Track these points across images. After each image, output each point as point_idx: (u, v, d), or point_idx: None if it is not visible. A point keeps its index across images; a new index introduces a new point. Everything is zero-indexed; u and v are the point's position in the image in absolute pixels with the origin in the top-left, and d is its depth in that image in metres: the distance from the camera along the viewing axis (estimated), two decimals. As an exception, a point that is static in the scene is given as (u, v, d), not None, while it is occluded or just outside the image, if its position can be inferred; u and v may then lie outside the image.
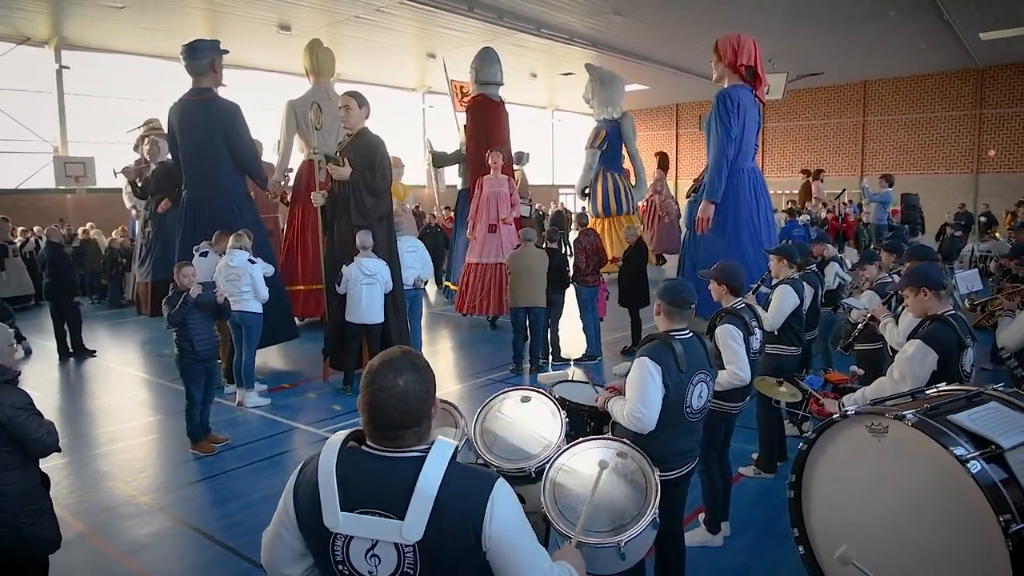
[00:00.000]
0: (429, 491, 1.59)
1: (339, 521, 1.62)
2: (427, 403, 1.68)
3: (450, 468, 1.63)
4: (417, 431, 1.66)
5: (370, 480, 1.64)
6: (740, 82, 7.89)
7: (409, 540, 1.58)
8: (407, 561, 1.61)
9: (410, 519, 1.58)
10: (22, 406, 3.16)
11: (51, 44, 17.07)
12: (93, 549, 4.46)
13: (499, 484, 1.67)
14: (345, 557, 1.65)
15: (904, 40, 19.61)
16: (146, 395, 7.83)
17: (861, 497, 2.58)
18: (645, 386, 3.06)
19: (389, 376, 1.64)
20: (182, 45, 8.25)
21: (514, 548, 1.65)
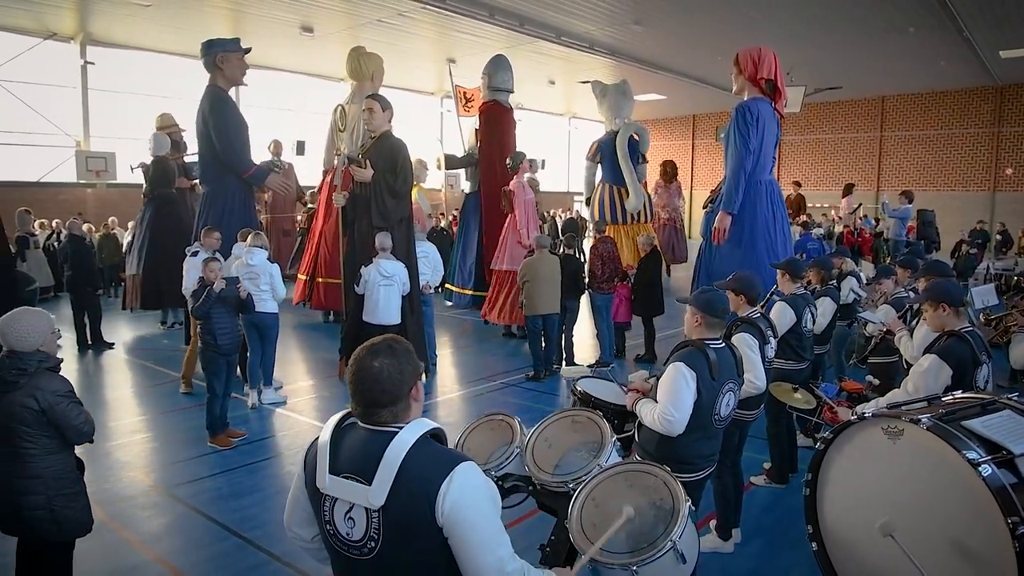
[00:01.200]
0: (394, 461, 1.73)
1: (326, 482, 1.81)
2: (402, 385, 1.82)
3: (422, 443, 1.78)
4: (392, 410, 1.81)
5: (353, 448, 1.83)
6: (760, 95, 7.93)
7: (373, 505, 1.73)
8: (373, 526, 1.76)
9: (375, 485, 1.74)
10: (63, 393, 3.26)
11: (77, 40, 17.31)
12: (113, 537, 4.55)
13: (465, 466, 1.77)
14: (331, 517, 1.84)
15: (923, 56, 19.57)
16: (164, 388, 7.94)
17: (875, 497, 2.63)
18: (679, 390, 3.13)
19: (367, 358, 1.81)
20: (201, 43, 8.46)
21: (468, 528, 1.74)
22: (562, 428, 3.16)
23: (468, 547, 1.75)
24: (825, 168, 28.23)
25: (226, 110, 8.25)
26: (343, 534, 1.81)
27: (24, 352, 3.19)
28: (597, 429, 3.06)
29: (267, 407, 7.17)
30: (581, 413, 3.21)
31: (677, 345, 3.38)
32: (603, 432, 3.03)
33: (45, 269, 13.40)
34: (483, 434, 3.23)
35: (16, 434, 3.18)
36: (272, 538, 4.56)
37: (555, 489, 2.87)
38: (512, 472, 3.01)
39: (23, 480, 3.20)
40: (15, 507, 3.21)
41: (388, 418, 1.82)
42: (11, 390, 3.16)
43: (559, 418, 3.21)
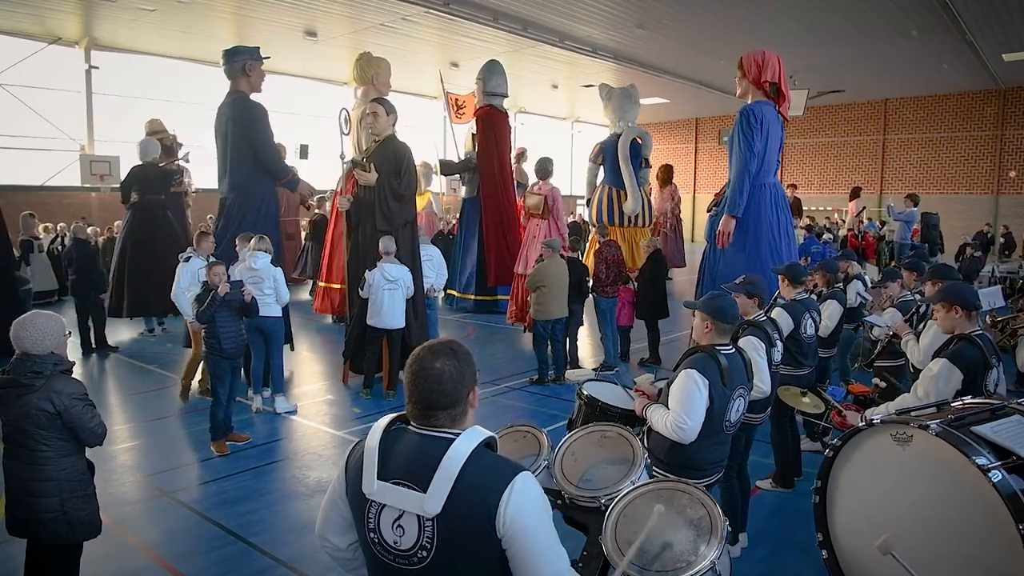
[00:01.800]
0: (452, 468, 1.68)
1: (374, 488, 1.75)
2: (462, 387, 1.78)
3: (479, 452, 1.73)
4: (451, 413, 1.77)
5: (405, 454, 1.76)
6: (764, 98, 7.92)
7: (428, 513, 1.68)
8: (426, 535, 1.70)
9: (431, 493, 1.68)
10: (79, 396, 3.27)
11: (81, 44, 17.37)
12: (119, 540, 4.54)
13: (523, 475, 1.73)
14: (376, 525, 1.76)
15: (926, 59, 19.56)
16: (168, 391, 7.93)
17: (884, 503, 2.62)
18: (691, 398, 3.10)
19: (428, 359, 1.77)
20: (223, 50, 8.53)
21: (528, 539, 1.69)
22: (590, 442, 3.13)
23: (528, 558, 1.70)
24: (828, 171, 28.22)
25: (266, 119, 8.46)
26: (390, 543, 1.75)
27: (38, 355, 3.20)
28: (628, 446, 3.03)
29: (270, 411, 7.14)
30: (611, 428, 3.17)
31: (687, 351, 3.35)
32: (634, 449, 2.99)
33: (49, 273, 13.43)
34: (507, 445, 3.18)
35: (31, 436, 3.19)
36: (278, 542, 4.55)
37: (585, 504, 2.83)
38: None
39: (38, 483, 3.22)
40: (30, 509, 3.22)
41: (446, 421, 1.77)
42: (27, 393, 3.16)
43: (587, 432, 3.17)
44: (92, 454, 3.60)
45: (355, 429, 6.77)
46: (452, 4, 14.43)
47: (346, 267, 8.11)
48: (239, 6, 15.00)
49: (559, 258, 8.25)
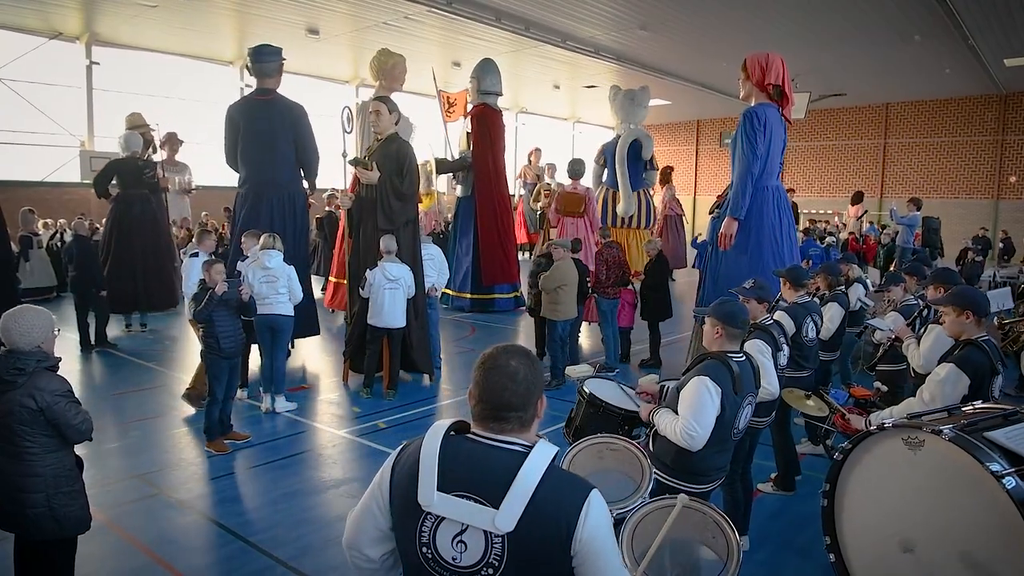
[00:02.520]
0: (528, 484, 1.61)
1: (433, 500, 1.64)
2: (535, 390, 1.72)
3: (551, 467, 1.66)
4: (522, 416, 1.70)
5: (470, 465, 1.66)
6: (767, 100, 7.90)
7: (501, 530, 1.59)
8: (494, 552, 1.61)
9: (505, 509, 1.59)
10: (62, 393, 3.25)
11: (82, 40, 17.34)
12: (116, 539, 4.52)
13: (596, 493, 1.68)
14: (431, 539, 1.66)
15: (928, 64, 19.57)
16: (167, 389, 7.91)
17: (894, 508, 2.60)
18: (703, 406, 3.06)
19: (503, 357, 1.71)
20: (251, 48, 8.74)
21: (601, 558, 1.66)
22: (591, 454, 3.10)
23: (598, 574, 1.67)
24: (829, 175, 28.22)
25: (310, 123, 8.84)
26: (447, 559, 1.65)
27: (24, 351, 3.19)
28: (635, 461, 3.00)
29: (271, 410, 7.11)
30: (618, 442, 3.13)
31: (698, 357, 3.31)
32: (642, 466, 2.96)
33: (48, 269, 13.39)
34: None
35: (15, 433, 3.18)
36: (277, 542, 4.53)
37: None
38: None
39: (23, 478, 3.20)
40: (16, 505, 3.21)
41: (515, 426, 1.70)
42: (9, 389, 3.16)
43: (592, 444, 3.14)
44: (90, 452, 3.59)
45: (355, 429, 6.74)
46: (455, 3, 14.42)
47: (347, 266, 8.09)
48: (241, 3, 14.98)
49: (571, 259, 8.22)
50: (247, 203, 8.46)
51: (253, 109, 8.51)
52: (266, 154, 8.44)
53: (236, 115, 8.55)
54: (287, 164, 8.59)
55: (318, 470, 5.74)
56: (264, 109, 8.46)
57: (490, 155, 12.69)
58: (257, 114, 8.45)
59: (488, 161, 12.67)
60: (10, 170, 16.65)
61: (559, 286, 7.94)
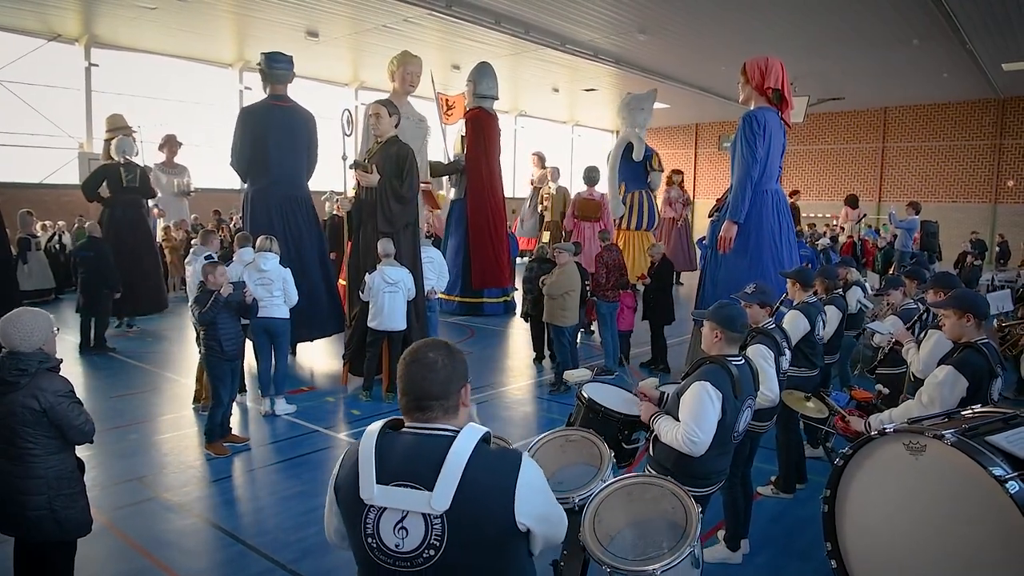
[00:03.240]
0: (458, 462, 1.71)
1: (374, 493, 1.74)
2: (455, 381, 1.83)
3: (480, 446, 1.76)
4: (444, 404, 1.81)
5: (404, 455, 1.77)
6: (766, 104, 7.93)
7: (437, 510, 1.69)
8: (434, 533, 1.70)
9: (439, 489, 1.69)
10: (64, 393, 3.26)
11: (81, 42, 17.31)
12: (116, 542, 4.52)
13: (525, 458, 1.81)
14: (375, 530, 1.76)
15: (926, 68, 19.60)
16: (166, 392, 7.90)
17: (896, 514, 2.60)
18: (704, 411, 3.07)
19: (423, 349, 1.84)
20: (265, 53, 8.93)
21: (546, 513, 1.84)
22: (553, 448, 3.15)
23: (549, 530, 1.87)
24: (827, 179, 28.24)
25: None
26: (391, 547, 1.74)
27: (25, 352, 3.19)
28: (594, 448, 3.05)
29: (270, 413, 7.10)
30: (575, 432, 3.19)
31: (697, 362, 3.31)
32: (601, 452, 3.01)
33: (46, 271, 13.38)
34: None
35: (18, 434, 3.18)
36: (276, 544, 4.52)
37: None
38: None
39: (25, 480, 3.20)
40: (18, 507, 3.20)
41: (439, 414, 1.81)
42: (12, 390, 3.16)
43: (551, 439, 3.19)
44: (91, 454, 3.59)
45: (354, 431, 6.74)
46: (454, 6, 14.42)
47: (347, 268, 8.09)
48: (240, 5, 14.97)
49: (574, 262, 8.20)
50: (267, 206, 8.64)
51: (275, 114, 8.77)
52: (290, 159, 8.77)
53: (255, 119, 8.72)
54: (303, 169, 9.08)
55: (318, 472, 5.73)
56: (287, 115, 8.81)
57: (484, 159, 12.69)
58: (281, 120, 8.76)
59: (481, 165, 12.67)
60: (8, 172, 16.61)
61: (567, 291, 7.90)
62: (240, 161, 8.79)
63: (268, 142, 8.60)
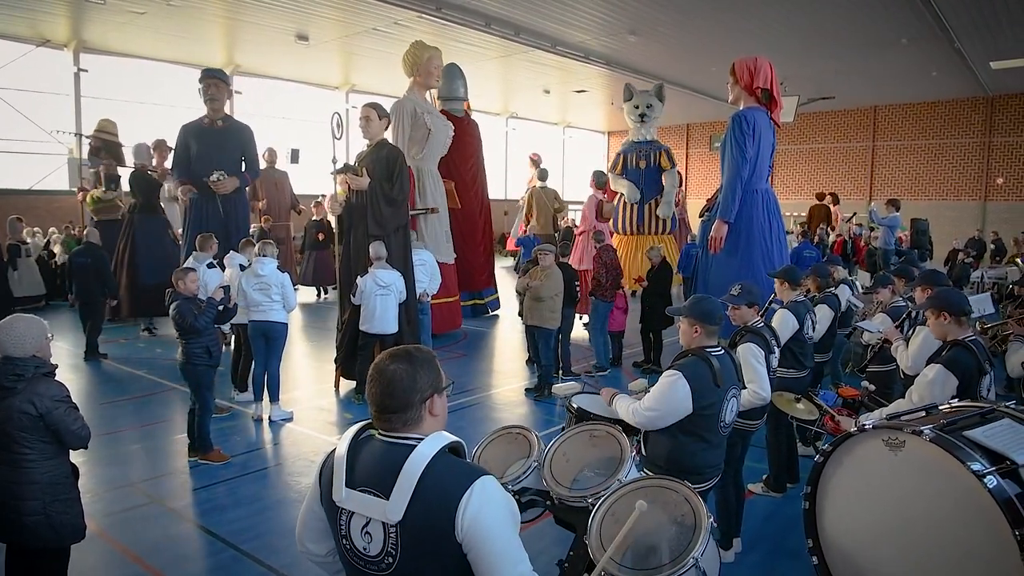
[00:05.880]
0: (412, 475, 1.71)
1: (343, 496, 1.78)
2: (414, 392, 1.80)
3: (440, 458, 1.74)
4: (403, 417, 1.80)
5: (370, 461, 1.80)
6: (756, 104, 7.97)
7: (391, 520, 1.70)
8: (391, 541, 1.72)
9: (393, 500, 1.71)
10: (61, 398, 3.27)
11: (70, 47, 17.25)
12: (107, 549, 4.50)
13: (484, 479, 1.74)
14: (348, 531, 1.80)
15: (915, 67, 19.72)
16: (158, 397, 7.87)
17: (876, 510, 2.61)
18: (666, 394, 3.15)
19: (384, 361, 1.83)
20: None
21: (487, 542, 1.70)
22: (581, 442, 3.14)
23: (487, 563, 1.71)
24: (817, 177, 28.35)
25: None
26: (360, 549, 1.78)
27: (20, 358, 3.20)
28: (616, 444, 3.04)
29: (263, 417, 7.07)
30: (600, 427, 3.18)
31: (678, 355, 3.36)
32: (622, 447, 3.00)
33: (36, 278, 13.30)
34: (500, 447, 3.20)
35: (14, 440, 3.19)
36: (269, 549, 4.51)
37: (573, 504, 2.85)
38: (530, 486, 2.99)
39: (20, 486, 3.20)
40: (13, 513, 3.21)
41: (398, 425, 1.80)
42: (8, 396, 3.16)
43: (578, 432, 3.18)
44: (82, 461, 3.57)
45: (347, 435, 6.72)
46: (444, 9, 14.43)
47: (337, 272, 8.08)
48: (230, 10, 14.95)
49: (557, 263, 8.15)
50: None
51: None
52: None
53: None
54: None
55: (310, 477, 5.65)
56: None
57: (456, 163, 12.35)
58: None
59: (451, 170, 12.35)
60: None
61: (555, 293, 7.80)
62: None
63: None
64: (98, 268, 9.46)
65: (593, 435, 3.13)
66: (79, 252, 9.61)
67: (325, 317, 12.82)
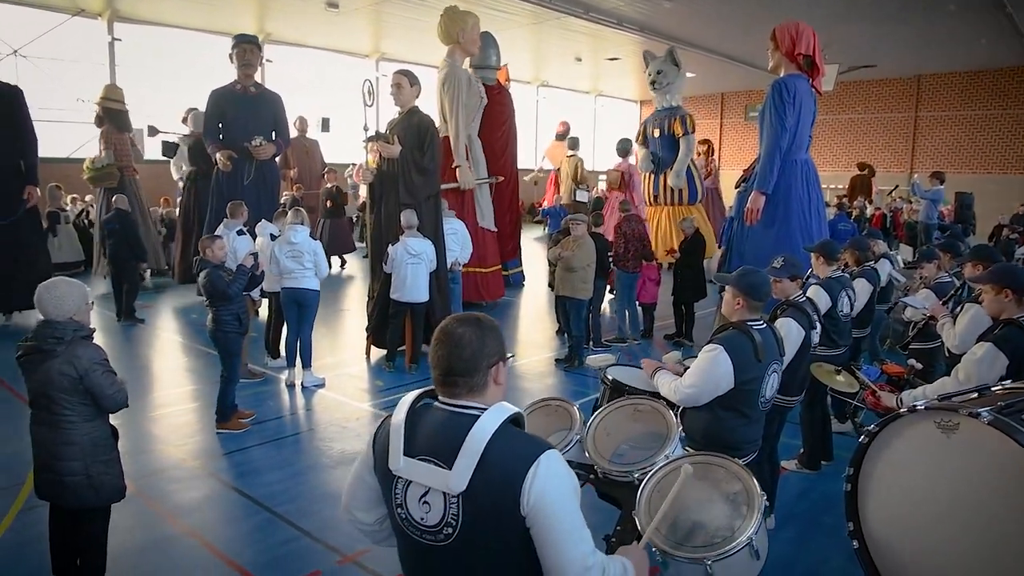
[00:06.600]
0: (477, 445, 1.66)
1: (400, 464, 1.74)
2: (481, 357, 1.76)
3: (504, 429, 1.71)
4: (469, 381, 1.75)
5: (430, 429, 1.76)
6: (797, 71, 7.72)
7: (453, 490, 1.67)
8: (451, 512, 1.69)
9: (456, 470, 1.66)
10: (99, 361, 3.32)
11: (104, 16, 17.33)
12: (144, 509, 4.58)
13: (550, 453, 1.70)
14: (404, 500, 1.76)
15: (963, 34, 18.99)
16: (192, 362, 7.99)
17: (925, 494, 2.51)
18: (708, 370, 3.08)
19: (453, 324, 1.79)
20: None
21: (553, 519, 1.67)
22: (623, 416, 3.10)
23: (552, 538, 1.68)
24: (856, 149, 27.62)
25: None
26: (417, 519, 1.75)
27: (58, 321, 3.25)
28: (661, 419, 2.99)
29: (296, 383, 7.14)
30: (645, 402, 3.12)
31: (719, 327, 3.27)
32: (668, 423, 2.95)
33: (75, 244, 13.53)
34: (539, 419, 3.17)
35: (54, 401, 3.26)
36: (302, 513, 4.57)
37: (618, 479, 2.81)
38: (571, 460, 2.95)
39: (61, 447, 3.28)
40: (55, 473, 3.30)
41: (464, 391, 1.76)
42: (48, 358, 3.23)
43: (621, 406, 3.14)
44: (119, 423, 3.63)
45: (378, 402, 6.78)
46: (476, -26, 14.21)
47: (369, 240, 8.07)
48: (261, -24, 14.90)
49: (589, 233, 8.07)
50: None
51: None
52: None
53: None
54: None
55: (342, 443, 5.77)
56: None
57: (486, 133, 12.18)
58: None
59: (483, 139, 12.19)
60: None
61: (588, 264, 7.75)
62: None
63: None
64: (127, 234, 9.63)
65: (637, 409, 3.08)
66: (109, 219, 9.80)
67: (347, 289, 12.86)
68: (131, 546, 4.11)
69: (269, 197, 9.77)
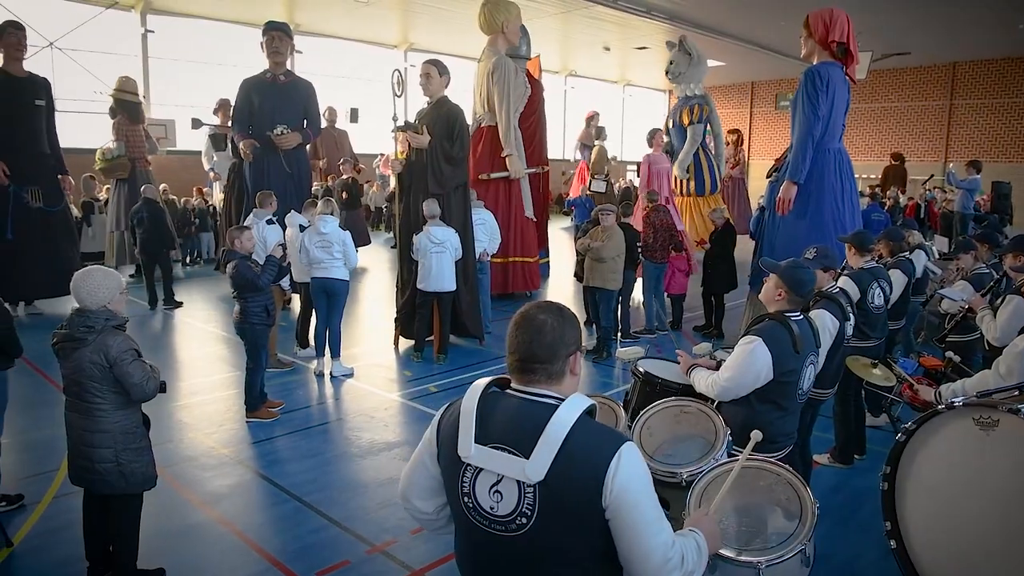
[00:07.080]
0: (557, 434, 1.63)
1: (471, 452, 1.71)
2: (561, 345, 1.73)
3: (583, 419, 1.68)
4: (549, 369, 1.73)
5: (505, 418, 1.72)
6: (830, 59, 7.56)
7: (531, 480, 1.63)
8: (526, 502, 1.65)
9: (535, 459, 1.63)
10: (127, 350, 3.35)
11: (137, 8, 17.56)
12: (175, 496, 4.64)
13: (629, 445, 1.68)
14: (472, 489, 1.73)
15: (1000, 20, 18.49)
16: (223, 351, 8.08)
17: (963, 492, 2.46)
18: (746, 363, 3.03)
19: (534, 310, 1.77)
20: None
21: (635, 510, 1.65)
22: (668, 417, 3.08)
23: (635, 530, 1.66)
24: (889, 138, 27.10)
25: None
26: (486, 508, 1.71)
27: (92, 309, 3.30)
28: (708, 421, 2.97)
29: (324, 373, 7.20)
30: (692, 404, 3.10)
31: (757, 318, 3.22)
32: (716, 426, 2.93)
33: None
34: None
35: (86, 389, 3.31)
36: (331, 502, 4.60)
37: (664, 479, 2.79)
38: None
39: (93, 434, 3.33)
40: (86, 460, 3.35)
41: (543, 378, 1.73)
42: (80, 347, 3.28)
43: (666, 407, 3.12)
44: (149, 410, 3.67)
45: (406, 392, 6.80)
46: (504, -36, 14.10)
47: (398, 231, 8.09)
48: (290, -32, 14.96)
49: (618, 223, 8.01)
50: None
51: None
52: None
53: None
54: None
55: (370, 433, 5.80)
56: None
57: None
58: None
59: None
60: (71, 137, 17.00)
61: (617, 254, 7.69)
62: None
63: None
64: (153, 222, 9.81)
65: (684, 411, 3.06)
66: (138, 209, 10.00)
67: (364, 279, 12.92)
68: (162, 532, 4.16)
69: (299, 187, 9.79)
